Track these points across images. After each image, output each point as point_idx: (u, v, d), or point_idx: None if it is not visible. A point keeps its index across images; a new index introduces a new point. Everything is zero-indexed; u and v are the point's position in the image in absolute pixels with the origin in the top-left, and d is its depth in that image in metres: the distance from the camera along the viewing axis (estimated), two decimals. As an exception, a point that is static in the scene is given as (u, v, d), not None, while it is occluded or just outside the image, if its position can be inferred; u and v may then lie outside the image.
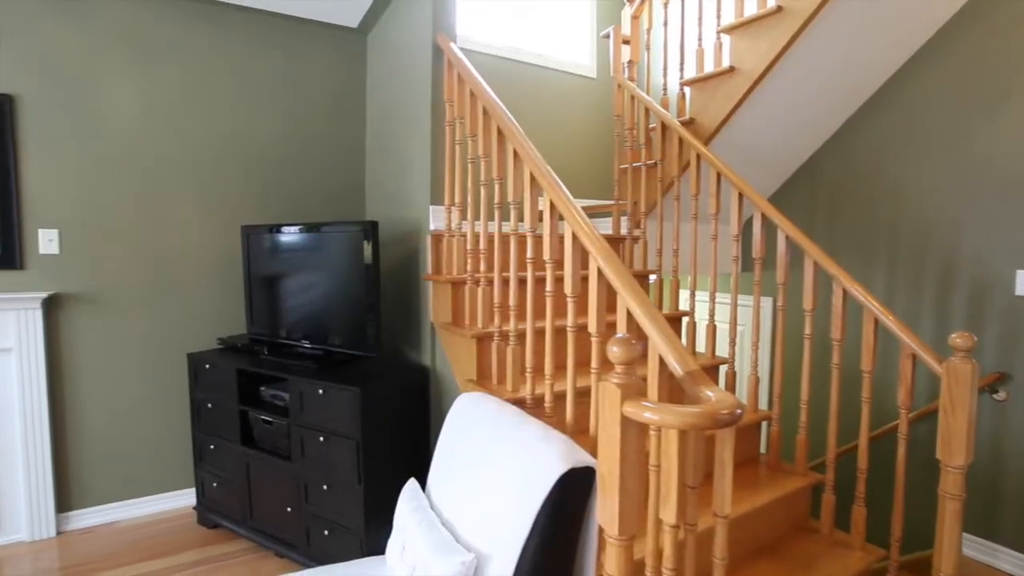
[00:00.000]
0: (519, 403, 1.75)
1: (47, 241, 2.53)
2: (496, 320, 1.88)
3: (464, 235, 2.14)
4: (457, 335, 2.07)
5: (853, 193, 2.89)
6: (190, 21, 2.75)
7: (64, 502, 2.62)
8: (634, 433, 1.10)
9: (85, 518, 2.66)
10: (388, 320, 2.75)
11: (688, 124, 2.59)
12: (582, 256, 1.57)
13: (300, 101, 3.02)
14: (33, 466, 2.52)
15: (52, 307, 2.55)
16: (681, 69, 2.67)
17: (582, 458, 1.33)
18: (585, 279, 1.62)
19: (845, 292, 1.82)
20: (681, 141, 2.40)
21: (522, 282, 1.84)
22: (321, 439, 2.12)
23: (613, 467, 1.10)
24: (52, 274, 2.55)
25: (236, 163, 2.88)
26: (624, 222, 2.83)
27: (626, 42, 2.91)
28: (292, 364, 2.35)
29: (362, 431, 2.01)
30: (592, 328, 1.49)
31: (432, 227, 2.30)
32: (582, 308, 1.65)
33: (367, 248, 2.20)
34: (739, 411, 1.06)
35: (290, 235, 2.52)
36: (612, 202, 2.80)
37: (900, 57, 2.60)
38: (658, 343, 1.26)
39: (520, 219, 1.81)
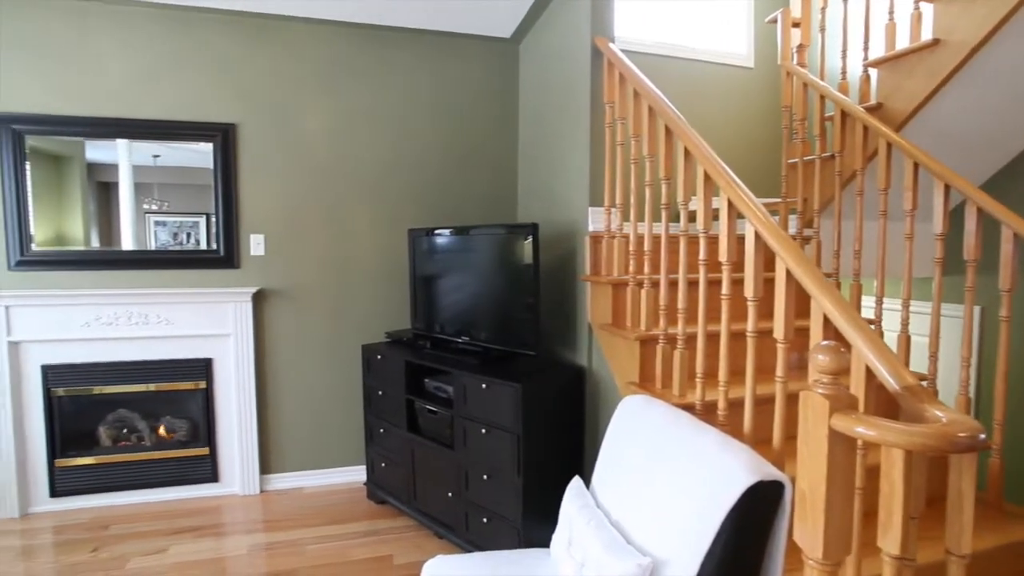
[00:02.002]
0: (687, 409, 1.69)
1: (256, 244, 2.97)
2: (661, 323, 1.84)
3: (626, 236, 2.13)
4: (618, 337, 2.06)
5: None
6: (364, 45, 3.06)
7: (265, 465, 3.05)
8: (843, 449, 1.01)
9: (280, 481, 3.08)
10: (543, 319, 2.83)
11: (874, 110, 2.32)
12: (764, 257, 1.48)
13: (457, 111, 3.22)
14: (244, 432, 2.98)
15: (258, 300, 2.99)
16: (865, 49, 2.40)
17: (770, 471, 1.25)
18: (767, 282, 1.53)
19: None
20: (866, 129, 2.16)
21: (689, 284, 1.78)
22: (482, 431, 2.24)
23: (817, 484, 1.02)
24: (259, 272, 2.99)
25: (402, 171, 3.15)
26: (792, 221, 2.61)
27: (796, 25, 2.68)
28: (455, 359, 2.50)
29: (523, 426, 2.09)
30: (778, 334, 1.39)
31: (591, 228, 2.31)
32: (760, 312, 1.55)
33: (528, 250, 2.27)
34: (982, 436, 0.93)
35: (454, 237, 2.70)
36: (779, 200, 2.60)
37: None
38: (866, 353, 1.14)
39: (691, 219, 1.75)
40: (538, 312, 2.30)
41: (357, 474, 3.17)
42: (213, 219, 2.93)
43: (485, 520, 2.27)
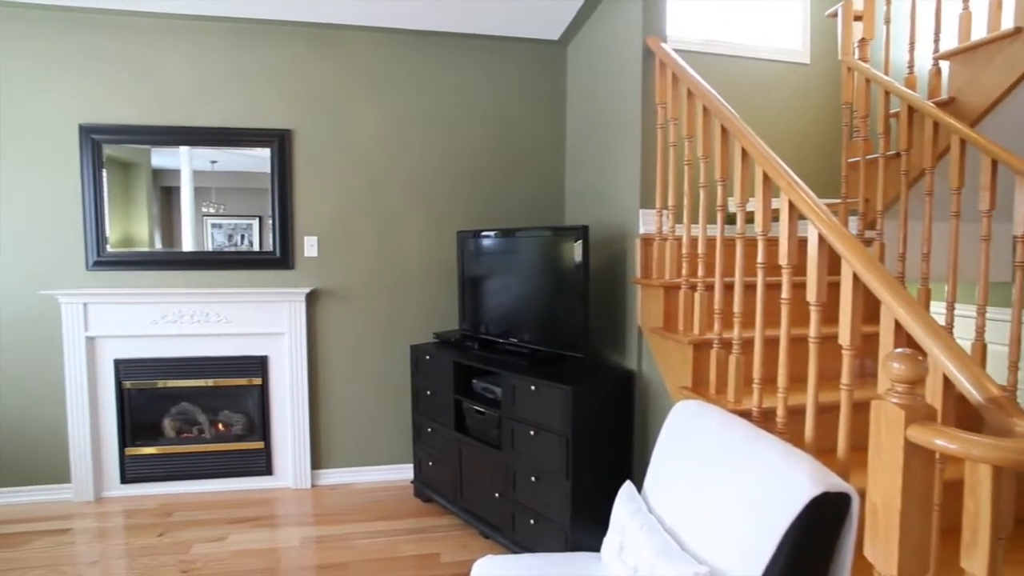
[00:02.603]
0: (743, 416, 1.64)
1: (309, 246, 3.07)
2: (716, 327, 1.80)
3: (678, 239, 2.09)
4: (670, 340, 2.03)
5: None
6: (413, 50, 3.12)
7: (316, 460, 3.15)
8: (920, 462, 0.97)
9: (330, 476, 3.17)
10: (591, 322, 2.81)
11: (945, 105, 2.20)
12: (828, 260, 1.43)
13: (504, 113, 3.24)
14: (297, 427, 3.09)
15: (311, 300, 3.09)
16: (936, 40, 2.28)
17: (836, 482, 1.21)
18: (831, 286, 1.47)
19: None
20: (936, 125, 2.05)
21: (746, 288, 1.73)
22: (531, 432, 2.24)
23: (891, 498, 0.98)
24: (312, 273, 3.09)
25: (450, 174, 3.20)
26: (853, 223, 2.51)
27: (858, 18, 2.58)
28: (503, 360, 2.51)
29: (572, 428, 2.08)
30: (844, 340, 1.34)
31: (641, 231, 2.29)
32: (823, 317, 1.49)
33: (577, 252, 2.27)
34: (1082, 452, 0.87)
35: (502, 239, 2.71)
36: (838, 200, 2.50)
37: None
38: (944, 362, 1.08)
39: (748, 221, 1.71)
40: (587, 315, 2.29)
41: (404, 472, 3.22)
42: (268, 221, 3.05)
43: (532, 522, 2.27)
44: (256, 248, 3.07)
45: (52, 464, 2.96)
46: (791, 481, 1.23)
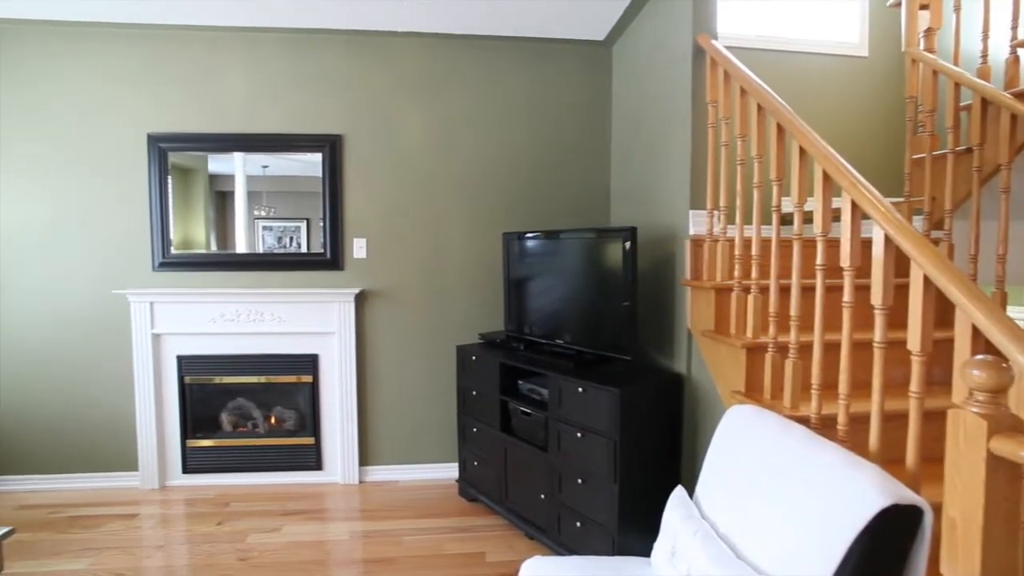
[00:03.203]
0: (801, 422, 1.59)
1: (359, 248, 3.15)
2: (771, 330, 1.75)
3: (730, 240, 2.04)
4: (721, 344, 1.98)
5: None
6: (460, 55, 3.16)
7: (363, 457, 3.22)
8: (1005, 476, 0.91)
9: (377, 473, 3.24)
10: (638, 324, 2.78)
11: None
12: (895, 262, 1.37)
13: (549, 115, 3.24)
14: (346, 424, 3.17)
15: (360, 300, 3.17)
16: (1013, 28, 2.15)
17: (906, 494, 1.15)
18: (898, 288, 1.41)
19: None
20: (1014, 118, 1.93)
21: (804, 290, 1.67)
22: (578, 435, 2.23)
23: (972, 513, 0.93)
24: (361, 274, 3.17)
25: (496, 176, 3.22)
26: (917, 222, 2.39)
27: (923, 7, 2.46)
28: (550, 361, 2.51)
29: (620, 431, 2.06)
30: (914, 346, 1.28)
31: (691, 232, 2.24)
32: (889, 321, 1.43)
33: (626, 254, 2.24)
34: None
35: (548, 241, 2.72)
36: (901, 199, 2.39)
37: None
38: (1029, 370, 1.02)
39: (805, 221, 1.65)
40: (635, 317, 2.26)
41: (448, 471, 3.26)
42: (316, 223, 3.14)
43: (578, 524, 2.26)
44: (304, 250, 3.17)
45: (122, 453, 3.14)
46: (857, 492, 1.18)
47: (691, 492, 1.69)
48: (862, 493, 1.17)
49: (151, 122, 3.05)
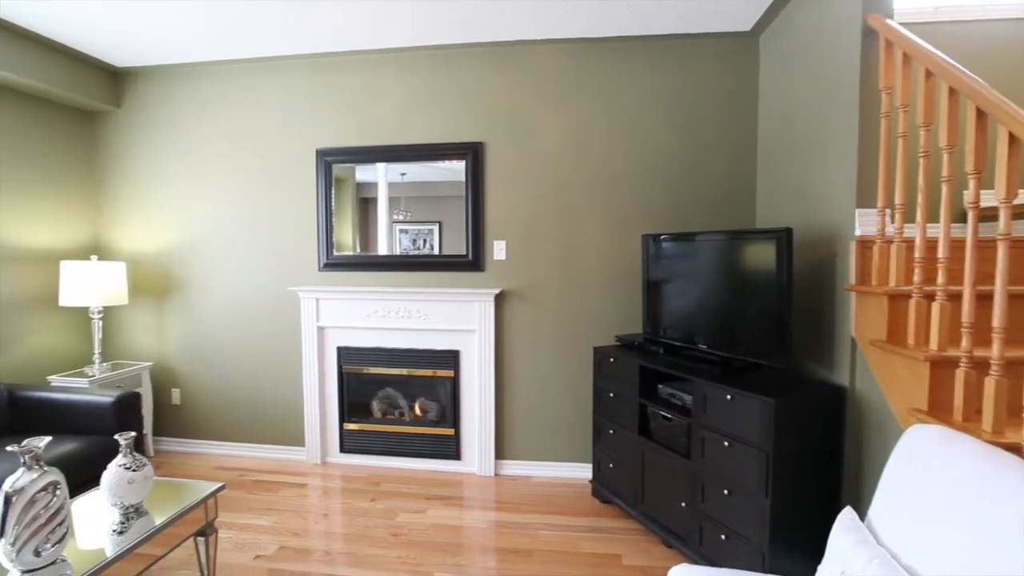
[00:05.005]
0: (1008, 450, 1.40)
1: (498, 249, 3.30)
2: (964, 342, 1.56)
3: (908, 241, 1.85)
4: (897, 356, 1.80)
5: None
6: (596, 58, 3.18)
7: (499, 451, 3.37)
8: None
9: (511, 467, 3.37)
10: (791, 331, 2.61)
11: None
12: None
13: (689, 113, 3.14)
14: (484, 418, 3.33)
15: (499, 300, 3.31)
16: None
17: None
18: None
19: None
20: None
21: (1013, 298, 1.47)
22: (724, 444, 2.15)
23: None
24: (501, 275, 3.31)
25: (633, 177, 3.19)
26: None
27: None
28: (693, 366, 2.45)
29: (773, 444, 1.95)
30: None
31: (858, 232, 2.06)
32: None
33: (779, 255, 2.12)
34: None
35: (692, 242, 2.64)
36: None
37: None
38: None
39: (1015, 216, 1.45)
40: (790, 323, 2.13)
41: (580, 471, 3.30)
42: (451, 226, 3.34)
43: (723, 537, 2.17)
44: (436, 251, 3.39)
45: (292, 430, 3.59)
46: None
47: (863, 514, 1.56)
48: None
49: (319, 138, 3.45)
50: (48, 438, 1.69)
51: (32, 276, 3.32)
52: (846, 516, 1.56)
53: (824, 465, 2.13)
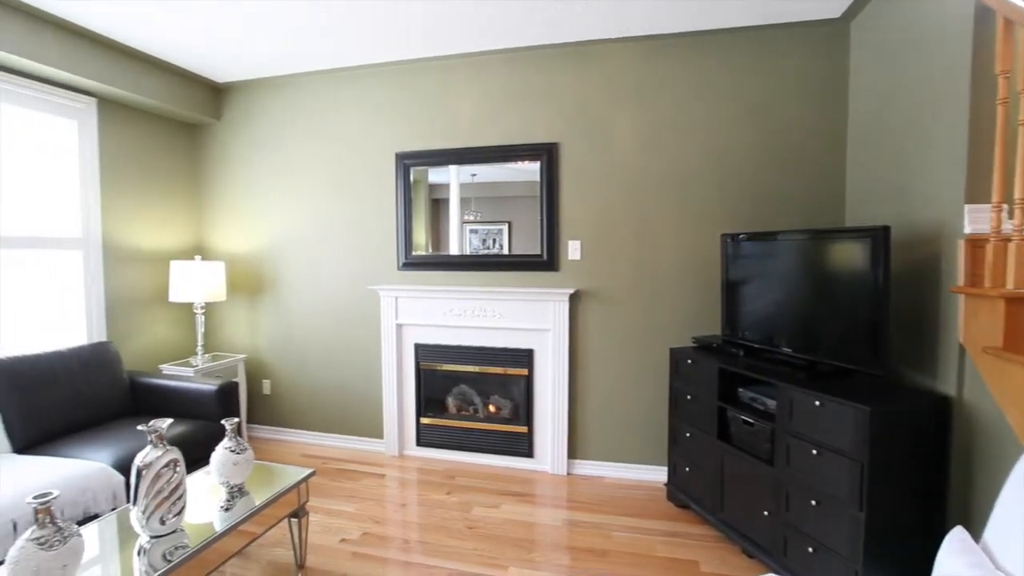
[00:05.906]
0: None
1: (573, 250, 3.31)
2: (1099, 351, 1.41)
3: (1031, 239, 1.70)
4: (1018, 365, 1.65)
5: None
6: (671, 55, 3.12)
7: (572, 450, 3.38)
8: None
9: (584, 467, 3.37)
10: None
11: None
12: None
13: (770, 108, 3.02)
14: (557, 417, 3.36)
15: (573, 300, 3.32)
16: None
17: None
18: None
19: None
20: None
21: None
22: (812, 452, 2.06)
23: None
24: (575, 275, 3.32)
25: (709, 175, 3.11)
26: None
27: None
28: (778, 370, 2.35)
29: (869, 454, 1.85)
30: None
31: (968, 230, 1.91)
32: None
33: (875, 256, 2.00)
34: None
35: (777, 242, 2.54)
36: None
37: None
38: None
39: None
40: (886, 327, 2.00)
41: (653, 473, 3.25)
42: (521, 225, 3.38)
43: (811, 550, 2.08)
44: (505, 251, 3.44)
45: (372, 422, 3.77)
46: None
47: (976, 536, 1.45)
48: None
49: (398, 142, 3.60)
50: (170, 420, 1.87)
51: (148, 275, 3.68)
52: (957, 536, 1.46)
53: (925, 479, 1.98)
